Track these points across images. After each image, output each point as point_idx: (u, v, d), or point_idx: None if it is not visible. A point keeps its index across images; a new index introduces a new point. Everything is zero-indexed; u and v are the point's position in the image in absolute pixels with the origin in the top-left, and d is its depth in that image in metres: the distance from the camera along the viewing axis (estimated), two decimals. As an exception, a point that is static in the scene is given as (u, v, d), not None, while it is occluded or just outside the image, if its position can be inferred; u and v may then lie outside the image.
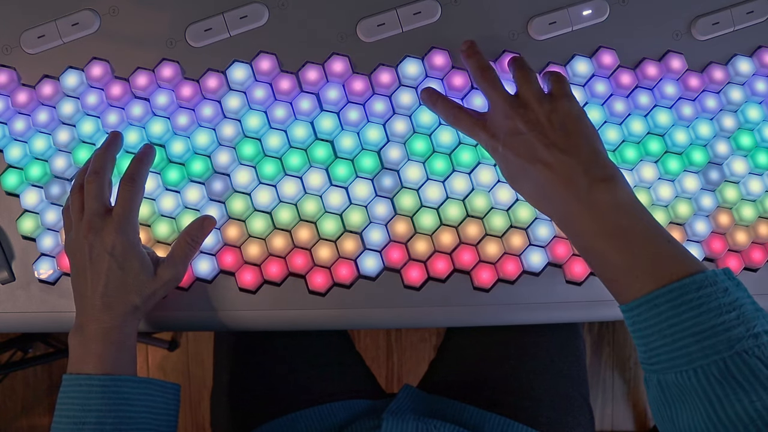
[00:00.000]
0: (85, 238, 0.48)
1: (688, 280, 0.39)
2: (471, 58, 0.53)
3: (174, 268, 0.51)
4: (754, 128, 0.57)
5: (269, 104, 0.56)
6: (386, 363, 1.42)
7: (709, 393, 0.36)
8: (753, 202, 0.56)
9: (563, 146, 0.46)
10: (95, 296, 0.48)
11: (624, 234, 0.43)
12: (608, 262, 0.43)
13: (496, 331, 0.71)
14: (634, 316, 0.41)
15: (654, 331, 0.40)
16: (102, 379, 0.46)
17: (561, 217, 0.46)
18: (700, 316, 0.38)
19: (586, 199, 0.44)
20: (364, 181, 0.55)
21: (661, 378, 0.40)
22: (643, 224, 0.43)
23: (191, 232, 0.52)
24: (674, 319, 0.39)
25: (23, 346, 1.32)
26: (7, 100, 0.56)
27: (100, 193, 0.49)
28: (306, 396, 0.67)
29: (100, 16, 0.57)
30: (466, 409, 0.65)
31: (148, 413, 0.48)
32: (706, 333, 0.37)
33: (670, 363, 0.39)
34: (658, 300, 0.39)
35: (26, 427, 1.42)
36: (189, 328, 0.57)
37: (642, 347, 0.42)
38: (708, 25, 0.58)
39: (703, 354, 0.37)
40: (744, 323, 0.37)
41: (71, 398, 0.46)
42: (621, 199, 0.44)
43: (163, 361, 1.42)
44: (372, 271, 0.54)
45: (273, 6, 0.57)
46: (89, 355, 0.47)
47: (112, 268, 0.48)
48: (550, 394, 0.68)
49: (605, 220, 0.43)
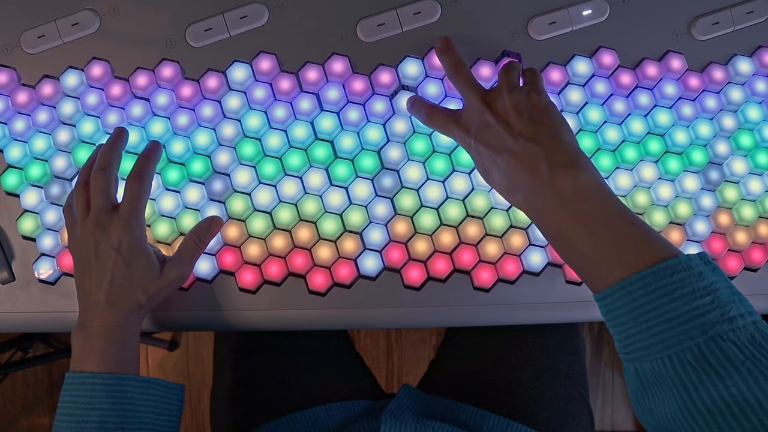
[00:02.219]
0: (91, 234, 0.48)
1: (662, 266, 0.38)
2: (445, 54, 0.53)
3: (180, 267, 0.50)
4: (754, 128, 0.57)
5: (269, 104, 0.56)
6: (386, 363, 1.42)
7: (685, 380, 0.36)
8: (753, 202, 0.56)
9: (528, 135, 0.46)
10: (100, 293, 0.48)
11: (586, 219, 0.42)
12: (575, 250, 0.43)
13: (496, 331, 0.71)
14: (607, 305, 0.41)
15: (628, 319, 0.39)
16: (105, 378, 0.46)
17: (529, 205, 0.46)
18: (674, 302, 0.37)
19: (549, 186, 0.44)
20: (364, 181, 0.55)
21: (638, 367, 0.39)
22: (606, 209, 0.42)
23: (199, 232, 0.52)
24: (648, 305, 0.38)
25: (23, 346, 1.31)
26: (7, 100, 0.56)
27: (107, 190, 0.49)
28: (306, 396, 0.67)
29: (100, 16, 0.57)
30: (465, 409, 0.65)
31: (151, 413, 0.48)
32: (680, 319, 0.37)
33: (645, 351, 0.38)
34: (631, 287, 0.39)
35: (26, 427, 1.42)
36: (189, 328, 0.57)
37: (617, 336, 0.41)
38: (708, 25, 0.58)
39: (678, 340, 0.36)
40: (719, 307, 0.36)
41: (74, 396, 0.46)
42: (583, 183, 0.43)
43: (163, 361, 1.42)
44: (372, 271, 0.54)
45: (273, 6, 0.57)
46: (92, 352, 0.47)
47: (118, 265, 0.48)
48: (550, 394, 0.68)
49: (567, 206, 0.43)
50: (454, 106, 0.55)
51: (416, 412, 0.64)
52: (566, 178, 0.43)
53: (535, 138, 0.46)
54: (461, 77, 0.51)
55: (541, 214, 0.45)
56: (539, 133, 0.46)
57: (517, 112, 0.47)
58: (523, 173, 0.45)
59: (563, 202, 0.43)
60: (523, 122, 0.47)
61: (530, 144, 0.45)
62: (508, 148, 0.46)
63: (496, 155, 0.47)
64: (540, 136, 0.46)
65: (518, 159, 0.45)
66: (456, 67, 0.52)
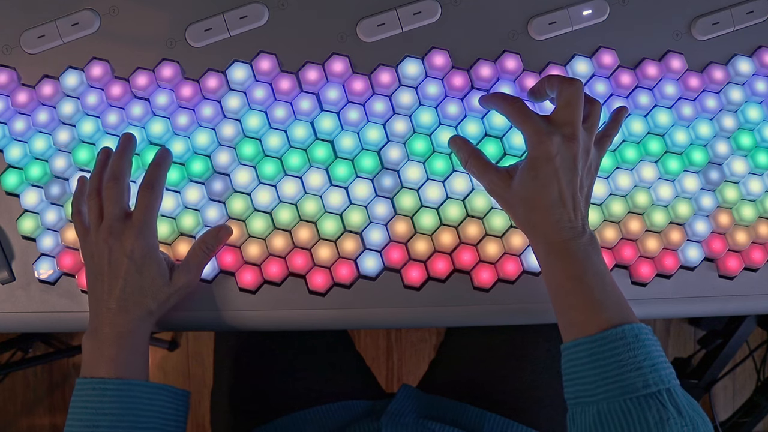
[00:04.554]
0: (105, 242, 0.49)
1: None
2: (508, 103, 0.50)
3: (188, 275, 0.51)
4: (754, 128, 0.57)
5: (269, 104, 0.56)
6: (386, 363, 1.42)
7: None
8: (753, 202, 0.56)
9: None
10: (111, 299, 0.48)
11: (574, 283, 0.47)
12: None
13: (496, 331, 0.71)
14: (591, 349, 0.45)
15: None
16: (116, 383, 0.47)
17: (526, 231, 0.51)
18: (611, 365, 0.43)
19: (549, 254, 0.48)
20: (364, 181, 0.55)
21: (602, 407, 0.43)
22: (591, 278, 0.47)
23: (207, 240, 0.52)
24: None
25: (23, 346, 1.31)
26: (7, 100, 0.56)
27: (120, 198, 0.50)
28: (306, 396, 0.67)
29: (100, 16, 0.57)
30: (465, 409, 0.65)
31: (160, 418, 0.49)
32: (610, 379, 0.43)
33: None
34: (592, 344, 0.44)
35: (26, 427, 1.42)
36: (189, 328, 0.57)
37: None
38: (708, 25, 0.58)
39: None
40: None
41: (84, 402, 0.46)
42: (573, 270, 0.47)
43: (163, 361, 1.41)
44: (372, 271, 0.54)
45: (273, 6, 0.57)
46: (103, 359, 0.47)
47: (130, 272, 0.48)
48: (550, 394, 0.68)
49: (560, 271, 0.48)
50: (455, 106, 0.55)
51: (416, 413, 0.64)
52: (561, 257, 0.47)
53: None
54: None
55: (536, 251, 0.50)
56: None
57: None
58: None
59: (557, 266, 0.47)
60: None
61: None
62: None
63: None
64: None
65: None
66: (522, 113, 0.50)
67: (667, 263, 0.55)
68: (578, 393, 0.44)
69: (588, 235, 0.47)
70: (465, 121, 0.55)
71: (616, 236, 0.55)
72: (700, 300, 0.56)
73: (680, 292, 0.55)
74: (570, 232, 0.47)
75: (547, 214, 0.47)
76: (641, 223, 0.55)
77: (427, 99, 0.56)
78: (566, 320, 0.47)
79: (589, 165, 0.49)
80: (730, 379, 1.43)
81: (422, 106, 0.56)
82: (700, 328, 1.37)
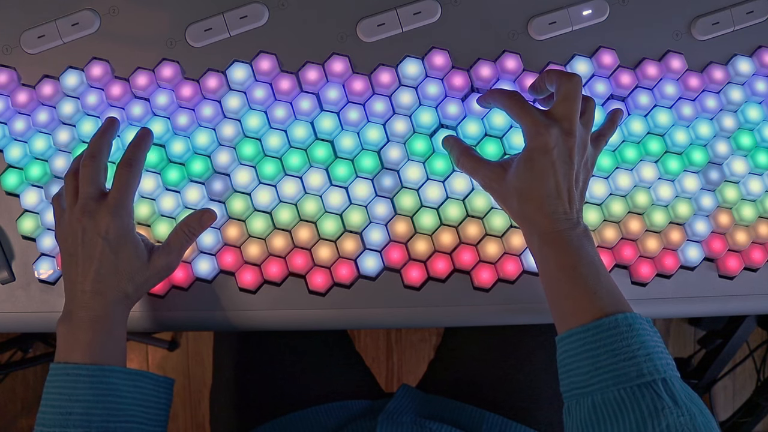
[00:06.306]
0: (78, 222, 0.47)
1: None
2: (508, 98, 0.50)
3: (168, 257, 0.50)
4: (754, 128, 0.57)
5: (269, 104, 0.56)
6: (386, 363, 1.42)
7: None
8: (753, 202, 0.56)
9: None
10: (86, 282, 0.47)
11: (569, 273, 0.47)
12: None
13: (495, 331, 0.71)
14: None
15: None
16: (90, 369, 0.45)
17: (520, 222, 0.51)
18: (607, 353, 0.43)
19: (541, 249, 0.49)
20: (364, 181, 0.55)
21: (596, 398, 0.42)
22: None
23: (190, 223, 0.51)
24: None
25: (23, 346, 1.31)
26: (7, 100, 0.56)
27: (96, 177, 0.48)
28: (305, 396, 0.67)
29: (100, 16, 0.57)
30: (464, 409, 0.65)
31: (139, 406, 0.47)
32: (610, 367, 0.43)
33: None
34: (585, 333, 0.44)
35: (26, 427, 1.42)
36: (189, 328, 0.57)
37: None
38: (708, 25, 0.58)
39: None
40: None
41: (58, 387, 0.45)
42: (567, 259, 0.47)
43: (163, 361, 1.42)
44: (372, 271, 0.54)
45: (273, 6, 0.57)
46: (77, 343, 0.46)
47: (104, 253, 0.47)
48: (550, 394, 0.68)
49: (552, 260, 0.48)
50: (455, 106, 0.55)
51: (415, 412, 0.64)
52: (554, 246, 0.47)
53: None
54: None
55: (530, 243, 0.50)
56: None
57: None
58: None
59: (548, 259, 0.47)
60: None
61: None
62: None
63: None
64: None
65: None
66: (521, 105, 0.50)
67: (667, 263, 0.55)
68: (573, 385, 0.44)
69: (582, 227, 0.47)
70: (465, 121, 0.55)
71: (616, 236, 0.55)
72: (700, 300, 0.56)
73: (680, 292, 0.55)
74: (565, 223, 0.47)
75: (542, 205, 0.47)
76: (641, 223, 0.55)
77: (427, 99, 0.56)
78: (560, 311, 0.46)
79: (586, 160, 0.49)
80: (730, 379, 1.43)
81: (422, 106, 0.56)
82: (700, 328, 1.37)
